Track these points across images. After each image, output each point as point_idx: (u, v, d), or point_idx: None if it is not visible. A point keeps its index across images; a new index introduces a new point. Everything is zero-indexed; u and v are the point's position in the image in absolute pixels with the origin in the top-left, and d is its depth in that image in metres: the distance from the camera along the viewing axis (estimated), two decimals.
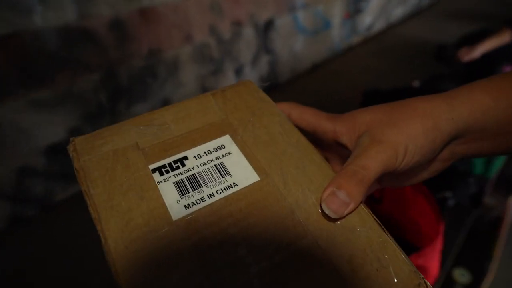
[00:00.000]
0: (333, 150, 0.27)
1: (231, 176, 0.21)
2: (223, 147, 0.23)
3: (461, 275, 0.73)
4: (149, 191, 0.20)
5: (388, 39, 1.80)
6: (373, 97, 1.11)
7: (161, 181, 0.21)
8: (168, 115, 0.24)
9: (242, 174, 0.22)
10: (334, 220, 0.20)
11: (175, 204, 0.20)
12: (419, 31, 1.85)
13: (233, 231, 0.19)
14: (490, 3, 2.08)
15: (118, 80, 1.02)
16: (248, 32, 1.28)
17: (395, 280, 0.18)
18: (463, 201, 0.91)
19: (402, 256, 0.19)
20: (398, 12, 2.13)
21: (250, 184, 0.21)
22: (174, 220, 0.19)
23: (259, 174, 0.22)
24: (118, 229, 0.18)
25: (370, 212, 0.21)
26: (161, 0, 1.00)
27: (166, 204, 0.19)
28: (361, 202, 0.21)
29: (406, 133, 0.21)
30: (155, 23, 1.02)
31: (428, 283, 0.19)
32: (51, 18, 0.82)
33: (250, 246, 0.18)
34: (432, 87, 1.09)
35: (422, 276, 0.19)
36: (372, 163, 0.20)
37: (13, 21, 0.77)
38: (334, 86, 1.47)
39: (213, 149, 0.23)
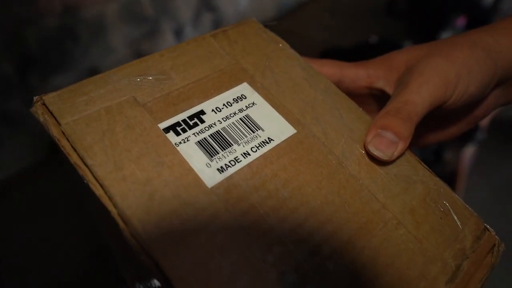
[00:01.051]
0: (363, 101, 0.26)
1: (263, 130, 0.19)
2: (243, 97, 0.21)
3: None
4: (168, 155, 0.17)
5: None
6: (333, 55, 1.13)
7: (180, 142, 0.18)
8: (165, 62, 0.21)
9: (275, 126, 0.20)
10: (386, 170, 0.20)
11: (206, 168, 0.17)
12: None
13: (285, 194, 0.17)
14: None
15: (27, 44, 0.89)
16: None
17: (461, 228, 0.19)
18: (427, 156, 0.99)
19: (461, 201, 0.20)
20: None
21: (288, 138, 0.19)
22: (210, 187, 0.17)
23: (294, 126, 0.20)
24: (141, 205, 0.15)
25: (419, 159, 0.21)
26: None
27: (194, 169, 0.17)
28: (409, 143, 0.20)
29: (456, 61, 0.20)
30: None
31: (490, 229, 0.19)
32: None
33: (308, 209, 0.17)
34: (390, 42, 1.14)
35: (483, 220, 0.20)
36: (416, 96, 0.20)
37: None
38: None
39: (233, 100, 0.20)
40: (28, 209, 0.79)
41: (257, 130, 0.19)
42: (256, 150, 0.18)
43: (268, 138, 0.19)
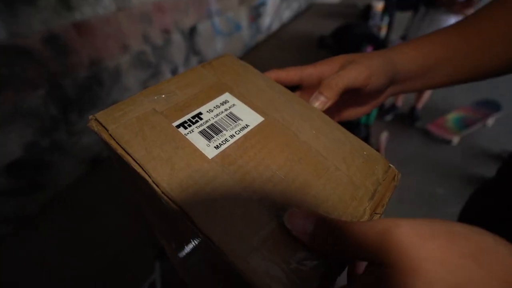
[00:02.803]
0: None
1: (242, 120, 0.21)
2: (227, 101, 0.22)
3: None
4: (180, 141, 0.19)
5: (283, 35, 1.89)
6: None
7: (188, 133, 0.19)
8: (172, 85, 0.22)
9: (249, 117, 0.21)
10: (326, 136, 0.21)
11: (207, 147, 0.19)
12: (304, 27, 1.98)
13: (261, 156, 0.19)
14: (344, 7, 2.32)
15: (65, 91, 0.87)
16: (177, 38, 1.20)
17: (375, 166, 0.21)
18: None
19: (374, 151, 0.22)
20: (286, 14, 2.23)
21: (259, 123, 0.21)
22: (210, 158, 0.18)
23: (262, 115, 0.22)
24: (166, 173, 0.17)
25: (346, 130, 0.23)
26: (92, 14, 0.87)
27: (199, 148, 0.18)
28: (333, 100, 0.23)
29: (374, 63, 0.24)
30: (91, 35, 0.89)
31: (393, 166, 0.22)
32: None
33: (276, 165, 0.19)
34: None
35: (388, 161, 0.22)
36: (345, 73, 0.23)
37: None
38: None
39: (220, 103, 0.22)
40: (80, 211, 0.77)
41: (238, 121, 0.21)
42: (239, 132, 0.20)
43: (246, 124, 0.21)
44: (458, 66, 0.25)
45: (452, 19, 1.46)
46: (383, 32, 1.76)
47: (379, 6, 1.74)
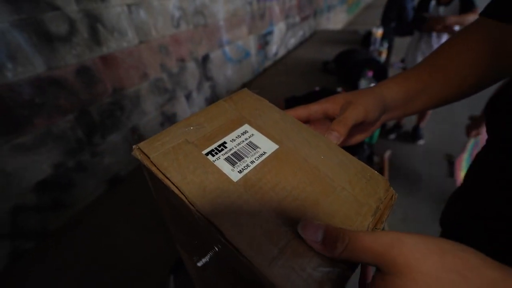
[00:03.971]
0: (321, 124, 0.31)
1: (260, 148, 0.24)
2: (246, 132, 0.25)
3: None
4: (209, 167, 0.21)
5: (289, 61, 1.96)
6: (293, 101, 1.20)
7: (215, 160, 0.22)
8: (201, 118, 0.26)
9: (266, 145, 0.24)
10: (331, 160, 0.24)
11: (231, 172, 0.22)
12: (308, 53, 2.05)
13: (277, 179, 0.22)
14: (346, 34, 2.42)
15: (91, 116, 0.93)
16: (191, 66, 1.28)
17: (377, 186, 0.23)
18: (363, 160, 1.05)
19: (376, 172, 0.24)
20: (292, 41, 2.33)
21: (274, 151, 0.24)
22: (235, 181, 0.21)
23: (277, 143, 0.25)
24: (199, 195, 0.20)
25: (349, 154, 0.26)
26: (117, 47, 0.94)
27: (225, 173, 0.21)
28: (345, 137, 0.26)
29: (369, 100, 0.28)
30: (115, 66, 0.96)
31: (391, 187, 0.24)
32: (21, 72, 0.71)
33: (290, 187, 0.21)
34: (328, 89, 1.22)
35: (388, 182, 0.24)
36: (350, 114, 0.27)
37: None
38: None
39: (241, 134, 0.25)
40: (97, 229, 0.80)
41: (256, 148, 0.24)
42: (258, 159, 0.23)
43: (263, 152, 0.24)
44: (431, 95, 0.31)
45: (444, 38, 1.52)
46: (383, 56, 1.82)
47: (378, 32, 1.81)
